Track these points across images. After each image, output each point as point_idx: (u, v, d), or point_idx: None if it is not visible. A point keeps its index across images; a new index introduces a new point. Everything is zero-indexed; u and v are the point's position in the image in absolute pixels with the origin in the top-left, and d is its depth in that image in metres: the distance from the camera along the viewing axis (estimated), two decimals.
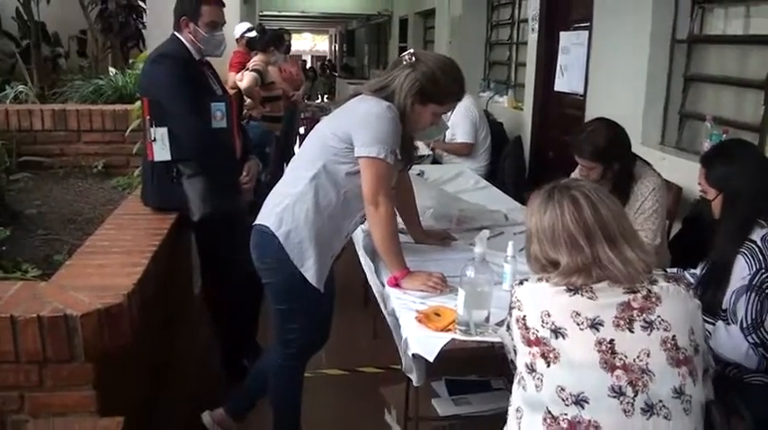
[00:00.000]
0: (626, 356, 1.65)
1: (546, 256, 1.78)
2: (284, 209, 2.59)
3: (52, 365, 2.06)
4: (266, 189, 3.52)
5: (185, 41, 3.23)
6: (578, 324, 1.68)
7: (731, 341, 2.24)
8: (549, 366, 1.68)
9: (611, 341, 1.66)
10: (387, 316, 2.80)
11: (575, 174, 3.31)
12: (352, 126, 2.54)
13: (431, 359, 2.18)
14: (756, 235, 2.28)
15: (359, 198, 2.57)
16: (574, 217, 1.74)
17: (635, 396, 1.63)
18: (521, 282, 1.83)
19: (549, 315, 1.71)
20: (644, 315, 1.68)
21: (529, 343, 1.72)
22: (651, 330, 1.67)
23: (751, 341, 2.20)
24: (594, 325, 1.68)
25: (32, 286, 2.24)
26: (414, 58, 2.57)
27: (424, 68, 2.55)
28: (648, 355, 1.65)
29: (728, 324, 2.27)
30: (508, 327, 1.84)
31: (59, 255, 2.91)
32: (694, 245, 2.96)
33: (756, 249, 2.25)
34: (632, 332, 1.67)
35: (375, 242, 2.66)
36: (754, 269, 2.23)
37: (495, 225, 3.38)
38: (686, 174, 3.44)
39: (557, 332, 1.69)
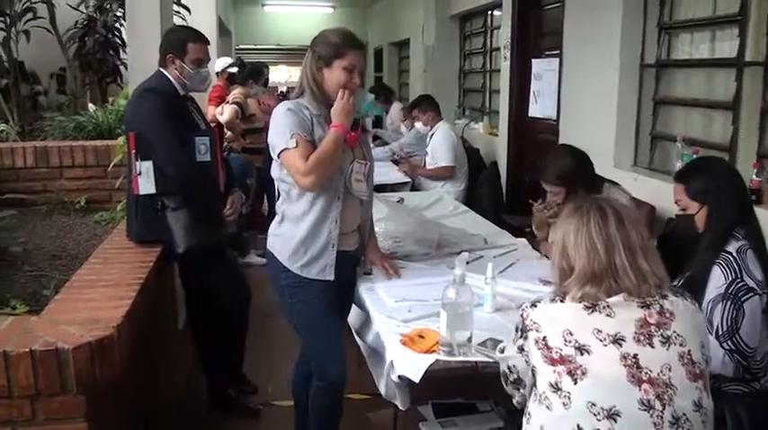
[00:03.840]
0: (650, 371, 1.71)
1: (567, 261, 1.84)
2: (273, 232, 2.83)
3: (44, 398, 2.08)
4: (247, 220, 3.57)
5: (171, 77, 3.29)
6: (601, 340, 1.74)
7: None
8: (576, 383, 1.72)
9: (635, 356, 1.72)
10: (362, 344, 2.87)
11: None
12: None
13: (416, 379, 2.23)
14: (732, 247, 2.37)
15: (323, 190, 2.70)
16: (598, 225, 1.80)
17: (663, 409, 1.69)
18: (533, 305, 1.87)
19: (570, 333, 1.76)
20: (661, 330, 1.75)
21: (553, 362, 1.76)
22: (669, 345, 1.74)
23: (726, 348, 2.28)
24: (617, 340, 1.73)
25: (24, 321, 2.26)
26: (310, 43, 2.81)
27: (317, 39, 2.79)
28: (670, 370, 1.72)
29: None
30: (521, 350, 1.88)
31: (47, 291, 2.93)
32: (669, 261, 3.05)
33: (732, 260, 2.34)
34: (653, 347, 1.73)
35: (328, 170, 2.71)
36: (730, 279, 2.31)
37: (474, 249, 3.44)
38: (659, 193, 3.54)
39: (581, 349, 1.74)
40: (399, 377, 2.30)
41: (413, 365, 2.27)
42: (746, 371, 2.33)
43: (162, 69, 3.33)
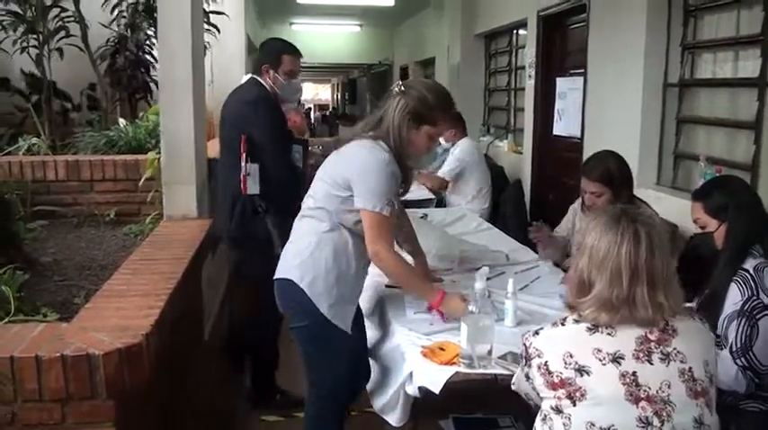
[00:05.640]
0: (649, 388, 1.72)
1: (588, 275, 1.83)
2: (303, 261, 2.66)
3: (74, 403, 2.12)
4: None
5: (267, 87, 3.50)
6: (600, 360, 1.75)
7: (722, 365, 2.30)
8: (575, 405, 1.74)
9: (634, 373, 1.73)
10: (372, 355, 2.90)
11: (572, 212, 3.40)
12: (352, 174, 2.60)
13: (436, 391, 2.26)
14: (749, 264, 2.38)
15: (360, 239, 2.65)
16: (629, 252, 1.77)
17: (661, 425, 1.70)
18: (536, 333, 1.88)
19: (571, 355, 1.77)
20: (661, 347, 1.76)
21: (553, 386, 1.78)
22: (669, 362, 1.74)
23: (739, 364, 2.30)
24: (616, 359, 1.75)
25: (55, 327, 2.32)
26: (402, 87, 2.66)
27: (413, 92, 2.63)
28: (669, 387, 1.72)
29: (720, 349, 2.35)
30: (528, 377, 1.90)
31: (77, 299, 2.99)
32: (691, 280, 3.06)
33: (749, 277, 2.35)
34: (651, 364, 1.74)
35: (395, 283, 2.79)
36: (746, 296, 2.33)
37: (496, 264, 3.47)
38: (682, 212, 3.55)
39: (581, 370, 1.75)
40: (419, 388, 2.33)
41: (433, 377, 2.30)
42: (760, 388, 2.34)
43: (258, 78, 3.54)
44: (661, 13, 4.57)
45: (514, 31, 8.08)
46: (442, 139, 6.31)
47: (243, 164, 3.38)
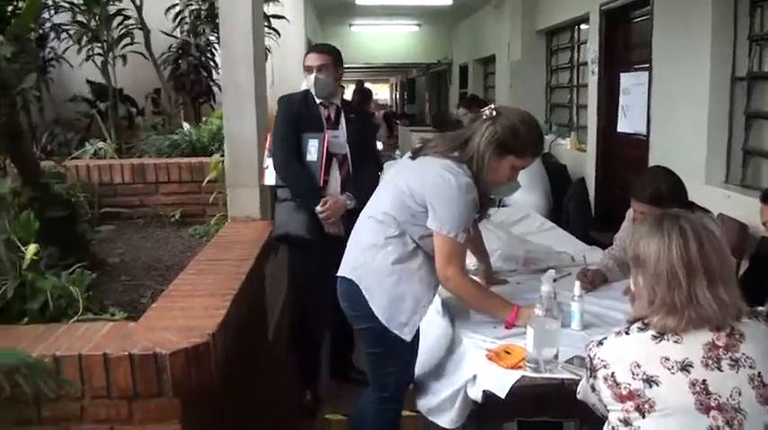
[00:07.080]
0: (720, 396, 1.67)
1: (648, 284, 1.79)
2: (364, 263, 2.64)
3: (141, 401, 2.17)
4: None
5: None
6: (669, 368, 1.70)
7: None
8: (644, 417, 1.70)
9: (704, 381, 1.68)
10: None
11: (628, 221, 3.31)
12: (431, 193, 2.55)
13: (502, 395, 2.23)
14: None
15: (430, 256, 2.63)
16: (679, 250, 1.74)
17: None
18: (600, 343, 1.84)
19: (638, 366, 1.73)
20: (729, 353, 1.70)
21: (621, 398, 1.74)
22: (738, 368, 1.69)
23: None
24: (685, 367, 1.69)
25: (122, 326, 2.37)
26: (494, 113, 2.58)
27: (505, 121, 2.55)
28: (740, 394, 1.67)
29: None
30: (593, 389, 1.85)
31: (144, 299, 3.04)
32: (762, 282, 2.96)
33: None
34: (721, 371, 1.69)
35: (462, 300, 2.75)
36: None
37: (561, 266, 3.41)
38: (752, 211, 3.43)
39: (649, 381, 1.71)
40: (483, 392, 2.30)
41: (498, 381, 2.27)
42: None
43: None
44: (727, 4, 4.43)
45: (576, 27, 7.95)
46: None
47: (265, 158, 3.80)
